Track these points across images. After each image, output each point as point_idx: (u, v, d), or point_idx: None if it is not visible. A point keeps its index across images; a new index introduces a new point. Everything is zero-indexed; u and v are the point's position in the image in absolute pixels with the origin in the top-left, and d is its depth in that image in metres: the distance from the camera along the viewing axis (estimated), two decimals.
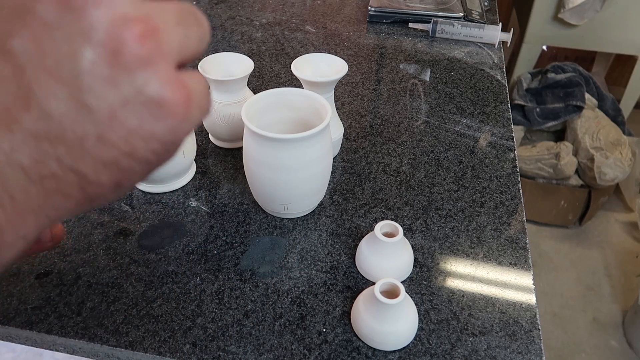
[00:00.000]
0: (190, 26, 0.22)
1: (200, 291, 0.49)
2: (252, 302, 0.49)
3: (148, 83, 0.20)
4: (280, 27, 1.00)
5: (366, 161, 0.66)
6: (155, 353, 0.44)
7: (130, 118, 0.20)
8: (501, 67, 0.88)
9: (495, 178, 0.64)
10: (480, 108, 0.77)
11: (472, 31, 0.95)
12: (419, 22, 0.99)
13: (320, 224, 0.57)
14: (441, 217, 0.58)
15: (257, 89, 0.79)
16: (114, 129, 0.20)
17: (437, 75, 0.85)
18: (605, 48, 1.75)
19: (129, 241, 0.54)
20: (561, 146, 1.66)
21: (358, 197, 0.61)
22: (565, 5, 1.57)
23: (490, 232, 0.56)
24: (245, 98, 0.63)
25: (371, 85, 0.83)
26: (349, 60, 0.88)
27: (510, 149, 0.69)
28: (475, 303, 0.49)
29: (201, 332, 0.46)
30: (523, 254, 0.54)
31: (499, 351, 0.45)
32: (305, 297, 0.49)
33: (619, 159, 1.62)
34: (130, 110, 0.20)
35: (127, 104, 0.20)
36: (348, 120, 0.74)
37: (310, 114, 0.55)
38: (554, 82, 1.70)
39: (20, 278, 0.50)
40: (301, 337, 0.46)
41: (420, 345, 0.45)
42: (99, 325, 0.46)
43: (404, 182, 0.63)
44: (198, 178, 0.63)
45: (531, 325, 0.47)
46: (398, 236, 0.48)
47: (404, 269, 0.50)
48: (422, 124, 0.74)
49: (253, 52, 0.91)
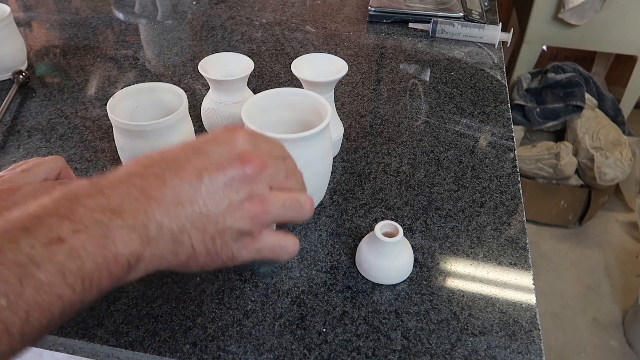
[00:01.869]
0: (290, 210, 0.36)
1: (200, 291, 0.49)
2: (252, 302, 0.49)
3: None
4: (280, 27, 1.00)
5: (366, 161, 0.66)
6: (155, 353, 0.44)
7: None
8: (501, 67, 0.88)
9: (495, 178, 0.64)
10: (480, 108, 0.77)
11: (472, 31, 0.95)
12: (419, 22, 0.99)
13: (320, 224, 0.57)
14: (441, 217, 0.58)
15: (257, 89, 0.79)
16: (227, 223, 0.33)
17: (437, 75, 0.85)
18: (605, 48, 1.76)
19: None
20: (561, 146, 1.66)
21: (358, 197, 0.61)
22: (565, 5, 1.57)
23: (490, 232, 0.56)
24: (245, 98, 0.63)
25: (371, 85, 0.83)
26: (349, 60, 0.88)
27: (510, 149, 0.69)
28: (475, 303, 0.49)
29: (201, 332, 0.46)
30: (523, 254, 0.54)
31: (499, 351, 0.45)
32: (305, 297, 0.49)
33: (619, 159, 1.62)
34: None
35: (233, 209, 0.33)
36: (348, 120, 0.74)
37: (310, 114, 0.55)
38: (554, 82, 1.70)
39: None
40: (301, 337, 0.46)
41: (420, 345, 0.45)
42: (99, 325, 0.46)
43: (404, 182, 0.63)
44: None
45: (531, 325, 0.47)
46: (398, 236, 0.48)
47: (404, 269, 0.50)
48: (422, 124, 0.74)
49: (253, 52, 0.91)
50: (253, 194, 0.34)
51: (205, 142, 0.34)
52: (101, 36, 0.97)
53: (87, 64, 0.88)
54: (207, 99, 0.65)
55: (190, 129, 0.59)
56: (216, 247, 0.33)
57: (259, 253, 0.36)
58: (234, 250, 0.34)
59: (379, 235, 0.48)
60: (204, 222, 0.32)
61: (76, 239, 0.28)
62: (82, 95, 0.79)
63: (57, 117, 0.74)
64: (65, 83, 0.82)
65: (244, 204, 0.33)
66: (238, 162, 0.33)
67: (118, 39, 0.97)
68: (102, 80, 0.84)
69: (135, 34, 0.98)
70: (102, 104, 0.77)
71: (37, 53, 0.91)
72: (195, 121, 0.69)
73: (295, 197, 0.36)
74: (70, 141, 0.69)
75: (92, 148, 0.68)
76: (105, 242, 0.28)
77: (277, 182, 0.36)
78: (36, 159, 0.46)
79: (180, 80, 0.82)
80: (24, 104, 0.77)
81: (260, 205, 0.34)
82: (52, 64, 0.88)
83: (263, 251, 0.36)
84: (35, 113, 0.75)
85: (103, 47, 0.93)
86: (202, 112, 0.66)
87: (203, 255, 0.33)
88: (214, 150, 0.33)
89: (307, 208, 0.37)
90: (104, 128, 0.72)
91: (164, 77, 0.84)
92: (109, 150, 0.67)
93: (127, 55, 0.90)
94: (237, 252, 0.34)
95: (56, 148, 0.68)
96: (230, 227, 0.33)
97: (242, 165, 0.33)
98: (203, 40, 0.96)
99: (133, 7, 1.09)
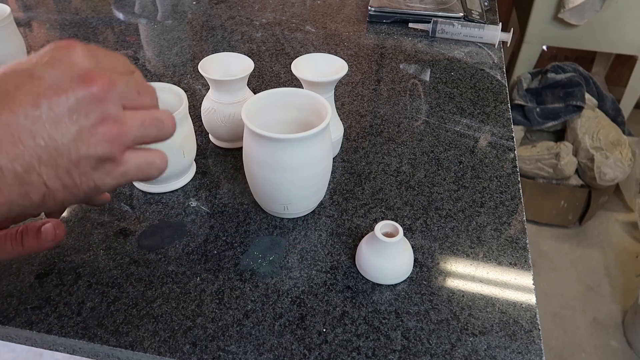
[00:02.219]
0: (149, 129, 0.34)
1: (200, 291, 0.49)
2: (252, 302, 0.49)
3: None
4: (280, 27, 1.00)
5: (366, 161, 0.66)
6: (155, 353, 0.44)
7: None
8: (501, 67, 0.88)
9: (495, 178, 0.64)
10: (480, 108, 0.77)
11: (472, 31, 0.95)
12: (419, 22, 0.99)
13: (320, 224, 0.57)
14: (441, 217, 0.58)
15: (257, 89, 0.79)
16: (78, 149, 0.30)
17: (437, 75, 0.85)
18: (605, 48, 1.76)
19: (129, 241, 0.54)
20: (561, 146, 1.66)
21: (358, 197, 0.61)
22: (565, 5, 1.57)
23: (490, 232, 0.56)
24: (245, 98, 0.63)
25: (371, 85, 0.83)
26: (349, 60, 0.88)
27: (510, 149, 0.69)
28: (475, 303, 0.49)
29: (201, 332, 0.46)
30: (523, 254, 0.54)
31: (499, 351, 0.45)
32: (305, 297, 0.49)
33: (619, 159, 1.62)
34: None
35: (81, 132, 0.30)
36: (348, 120, 0.74)
37: (310, 114, 0.55)
38: (554, 82, 1.70)
39: (20, 278, 0.50)
40: (301, 337, 0.46)
41: (420, 345, 0.45)
42: (99, 325, 0.46)
43: (404, 182, 0.63)
44: (198, 178, 0.63)
45: (531, 325, 0.47)
46: (398, 236, 0.48)
47: (404, 269, 0.50)
48: (422, 124, 0.74)
49: (253, 52, 0.91)
50: (105, 116, 0.30)
51: (36, 63, 0.30)
52: (101, 36, 0.97)
53: None
54: (207, 99, 0.65)
55: (191, 129, 0.59)
56: (74, 179, 0.30)
57: (125, 177, 0.33)
58: (96, 180, 0.31)
59: (379, 235, 0.48)
60: (53, 156, 0.29)
61: None
62: None
63: None
64: None
65: (97, 128, 0.30)
66: (81, 82, 0.29)
67: (118, 39, 0.97)
68: None
69: (135, 34, 0.98)
70: None
71: None
72: (195, 121, 0.69)
73: (154, 114, 0.33)
74: None
75: None
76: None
77: (130, 100, 0.32)
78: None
79: (180, 80, 0.82)
80: None
81: (116, 126, 0.30)
82: None
83: (129, 174, 0.33)
84: None
85: (103, 47, 0.93)
86: (202, 112, 0.66)
87: (60, 191, 0.30)
88: (49, 73, 0.29)
89: (169, 124, 0.34)
90: None
91: (164, 77, 0.84)
92: None
93: (127, 55, 0.90)
94: (100, 180, 0.31)
95: None
96: (87, 156, 0.30)
97: (87, 85, 0.29)
98: (203, 40, 0.96)
99: (133, 7, 1.09)
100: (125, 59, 0.35)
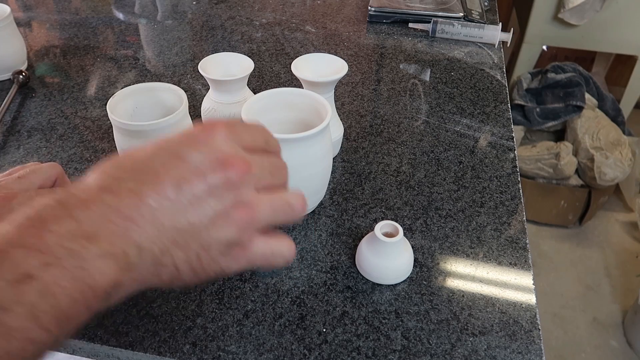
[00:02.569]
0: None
1: (200, 291, 0.49)
2: (252, 302, 0.49)
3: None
4: (280, 27, 1.00)
5: (366, 161, 0.66)
6: (155, 353, 0.44)
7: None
8: (501, 67, 0.88)
9: (495, 178, 0.64)
10: (480, 108, 0.77)
11: (472, 31, 0.95)
12: (419, 22, 0.99)
13: (320, 224, 0.57)
14: (441, 217, 0.58)
15: (257, 89, 0.79)
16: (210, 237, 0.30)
17: (437, 75, 0.85)
18: (605, 48, 1.76)
19: None
20: (561, 146, 1.66)
21: (358, 197, 0.61)
22: (565, 5, 1.57)
23: (490, 232, 0.56)
24: (245, 98, 0.63)
25: (371, 85, 0.83)
26: (349, 60, 0.88)
27: (510, 149, 0.69)
28: (475, 303, 0.49)
29: (201, 332, 0.46)
30: (523, 254, 0.54)
31: (499, 351, 0.45)
32: (305, 297, 0.49)
33: (619, 159, 1.62)
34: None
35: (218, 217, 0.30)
36: (348, 120, 0.74)
37: (310, 114, 0.55)
38: (554, 82, 1.70)
39: None
40: (301, 337, 0.46)
41: (420, 345, 0.45)
42: (99, 325, 0.46)
43: (404, 182, 0.63)
44: None
45: (531, 325, 0.47)
46: (398, 236, 0.48)
47: (404, 269, 0.50)
48: (422, 124, 0.74)
49: (253, 52, 0.91)
50: (239, 200, 0.30)
51: (180, 143, 0.31)
52: (101, 36, 0.97)
53: (87, 64, 0.88)
54: (207, 99, 0.65)
55: None
56: (202, 263, 0.30)
57: (251, 263, 0.33)
58: (222, 264, 0.31)
59: (379, 235, 0.48)
60: (186, 239, 0.29)
61: (48, 273, 0.24)
62: (82, 95, 0.79)
63: (57, 117, 0.74)
64: (65, 83, 0.82)
65: (229, 213, 0.30)
66: (219, 167, 0.30)
67: (118, 39, 0.97)
68: (102, 80, 0.84)
69: (135, 34, 0.98)
70: (102, 104, 0.77)
71: (37, 53, 0.91)
72: (195, 121, 0.69)
73: (285, 198, 0.33)
74: (70, 141, 0.69)
75: (92, 148, 0.68)
76: (81, 274, 0.25)
77: (263, 181, 0.32)
78: (33, 165, 0.46)
79: (180, 80, 0.83)
80: (24, 104, 0.77)
81: (248, 212, 0.31)
82: (52, 64, 0.88)
83: (255, 261, 0.33)
84: (35, 113, 0.75)
85: (103, 47, 0.93)
86: (202, 112, 0.66)
87: (187, 273, 0.30)
88: (191, 155, 0.30)
89: (298, 208, 0.34)
90: (104, 128, 0.71)
91: (164, 77, 0.84)
92: (109, 150, 0.67)
93: (127, 55, 0.90)
94: (226, 265, 0.31)
95: (56, 148, 0.68)
96: (217, 240, 0.30)
97: (224, 169, 0.30)
98: (203, 40, 0.96)
99: (133, 7, 1.09)
100: (265, 130, 0.35)
